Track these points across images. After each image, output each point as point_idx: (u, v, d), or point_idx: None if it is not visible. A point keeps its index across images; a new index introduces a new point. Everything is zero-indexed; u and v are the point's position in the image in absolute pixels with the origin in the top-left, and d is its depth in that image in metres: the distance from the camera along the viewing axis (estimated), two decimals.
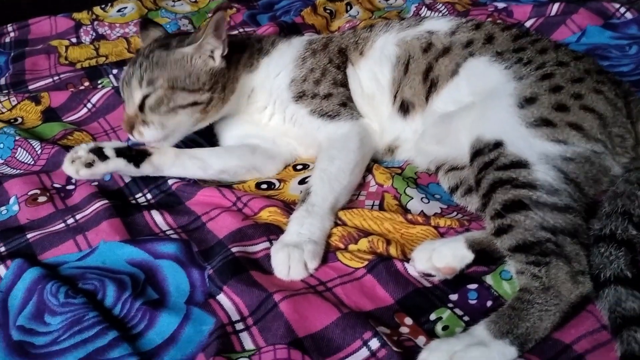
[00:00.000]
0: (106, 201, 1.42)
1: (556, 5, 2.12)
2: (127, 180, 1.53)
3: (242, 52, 1.58)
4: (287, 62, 1.58)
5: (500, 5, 2.24)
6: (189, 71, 1.45)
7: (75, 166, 1.45)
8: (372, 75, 1.56)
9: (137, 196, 1.50)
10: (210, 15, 1.47)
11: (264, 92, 1.57)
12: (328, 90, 1.53)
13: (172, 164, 1.49)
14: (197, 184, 1.51)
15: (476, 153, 1.23)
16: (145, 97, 1.44)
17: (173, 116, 1.45)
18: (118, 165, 1.46)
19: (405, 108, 1.51)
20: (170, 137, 1.49)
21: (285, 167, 1.60)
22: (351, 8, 2.50)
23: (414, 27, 1.56)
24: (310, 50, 1.61)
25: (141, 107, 1.44)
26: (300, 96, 1.53)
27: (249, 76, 1.57)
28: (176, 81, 1.44)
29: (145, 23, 1.71)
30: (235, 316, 1.12)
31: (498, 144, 1.19)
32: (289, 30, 2.21)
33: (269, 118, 1.58)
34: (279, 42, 1.65)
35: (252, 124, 1.59)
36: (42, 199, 1.50)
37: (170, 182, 1.50)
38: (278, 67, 1.58)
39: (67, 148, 1.66)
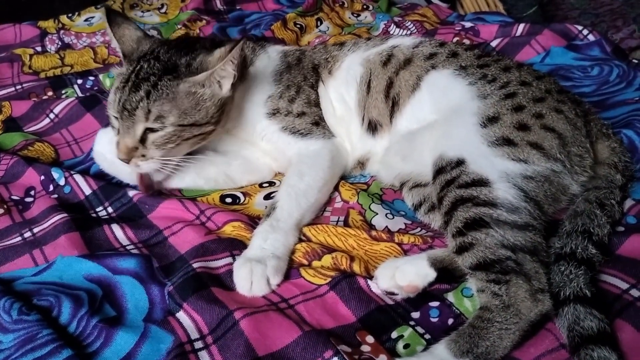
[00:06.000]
0: (65, 215, 1.38)
1: (521, 26, 2.16)
2: (87, 192, 1.50)
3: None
4: (267, 75, 1.55)
5: (467, 24, 2.28)
6: (199, 104, 1.34)
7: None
8: (340, 97, 1.56)
9: (98, 210, 1.47)
10: (227, 45, 1.33)
11: (247, 106, 1.51)
12: (302, 109, 1.52)
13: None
14: (159, 195, 1.48)
15: (438, 171, 1.23)
16: (148, 130, 1.33)
17: (175, 148, 1.37)
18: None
19: (373, 127, 1.51)
20: (166, 168, 1.41)
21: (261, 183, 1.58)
22: (321, 23, 2.51)
23: (379, 46, 1.58)
24: (285, 63, 1.59)
25: (142, 139, 1.34)
26: (274, 113, 1.51)
27: (240, 89, 1.49)
28: (187, 117, 1.33)
29: (114, 15, 1.46)
30: (194, 334, 1.10)
31: (460, 162, 1.21)
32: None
33: (236, 130, 1.54)
34: (259, 51, 1.60)
35: (226, 139, 1.55)
36: None
37: (131, 193, 1.47)
38: (259, 80, 1.54)
39: (27, 159, 1.62)
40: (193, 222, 1.39)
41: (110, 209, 1.46)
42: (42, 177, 1.55)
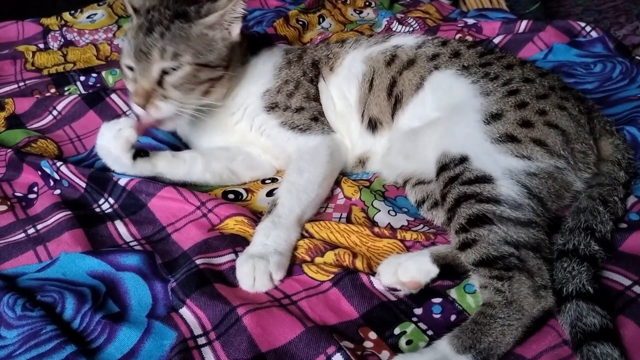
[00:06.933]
0: (69, 212, 1.39)
1: (524, 23, 2.15)
2: (82, 185, 1.49)
3: (241, 41, 1.52)
4: (268, 69, 1.57)
5: (470, 21, 2.27)
6: (211, 45, 1.42)
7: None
8: (340, 93, 1.56)
9: (100, 202, 1.47)
10: None
11: (242, 93, 1.54)
12: (300, 104, 1.52)
13: (168, 163, 1.48)
14: (154, 181, 1.46)
15: (442, 168, 1.23)
16: (165, 71, 1.38)
17: (191, 92, 1.41)
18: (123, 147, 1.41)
19: (373, 125, 1.52)
20: (183, 114, 1.43)
21: (264, 179, 1.58)
22: (324, 20, 2.51)
23: (381, 44, 1.58)
24: (286, 60, 1.60)
25: (159, 82, 1.38)
26: (272, 107, 1.52)
27: (240, 69, 1.54)
28: (200, 57, 1.40)
29: None
30: (197, 330, 1.10)
31: (463, 159, 1.21)
32: (261, 40, 2.20)
33: (236, 123, 1.55)
34: (264, 45, 1.63)
35: (228, 134, 1.57)
36: (2, 208, 1.46)
37: (122, 182, 1.45)
38: (259, 72, 1.56)
39: (21, 155, 1.61)
40: (194, 213, 1.39)
41: (111, 200, 1.46)
42: (40, 173, 1.55)
